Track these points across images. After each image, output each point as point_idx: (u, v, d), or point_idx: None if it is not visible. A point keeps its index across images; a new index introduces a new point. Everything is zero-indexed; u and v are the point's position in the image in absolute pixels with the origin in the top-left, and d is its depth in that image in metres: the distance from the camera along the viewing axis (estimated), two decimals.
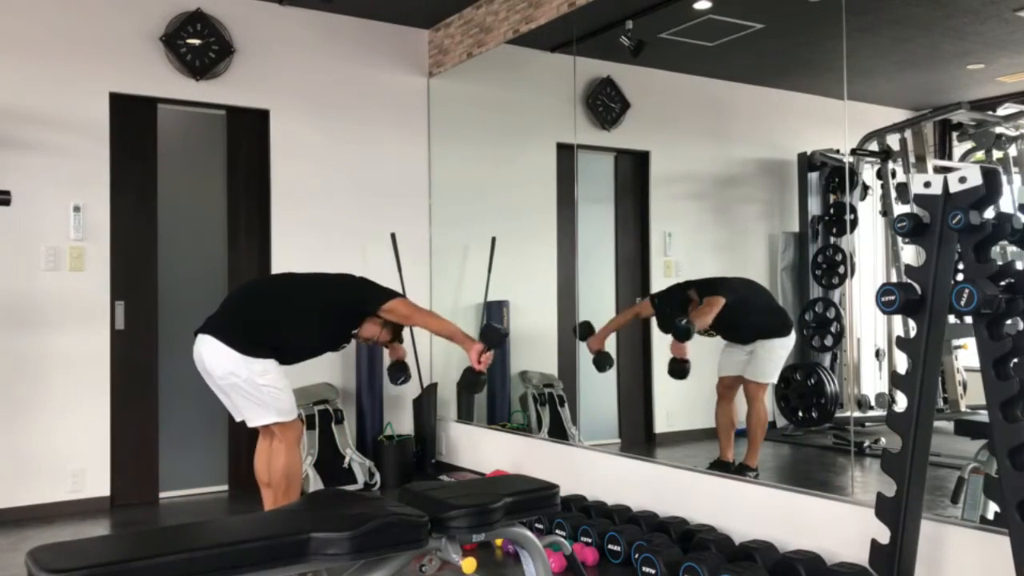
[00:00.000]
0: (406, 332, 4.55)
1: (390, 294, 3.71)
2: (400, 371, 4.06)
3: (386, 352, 4.22)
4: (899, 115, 4.10)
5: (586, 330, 4.73)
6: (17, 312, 4.51)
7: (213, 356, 3.52)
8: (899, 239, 3.97)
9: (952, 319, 2.86)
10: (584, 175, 5.02)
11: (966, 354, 4.04)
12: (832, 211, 4.46)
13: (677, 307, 4.38)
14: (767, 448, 4.33)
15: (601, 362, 4.77)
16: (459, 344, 3.63)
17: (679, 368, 4.26)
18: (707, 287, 4.36)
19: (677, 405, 5.01)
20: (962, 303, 2.43)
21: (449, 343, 3.82)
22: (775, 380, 4.34)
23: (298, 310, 3.66)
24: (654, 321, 4.74)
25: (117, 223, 4.82)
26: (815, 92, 4.30)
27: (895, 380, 2.70)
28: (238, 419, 3.70)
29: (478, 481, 3.04)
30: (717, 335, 4.36)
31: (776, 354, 4.29)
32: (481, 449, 5.26)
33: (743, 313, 4.33)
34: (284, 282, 3.94)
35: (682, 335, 4.17)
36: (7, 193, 3.99)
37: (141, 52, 4.90)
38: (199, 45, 5.01)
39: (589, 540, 3.72)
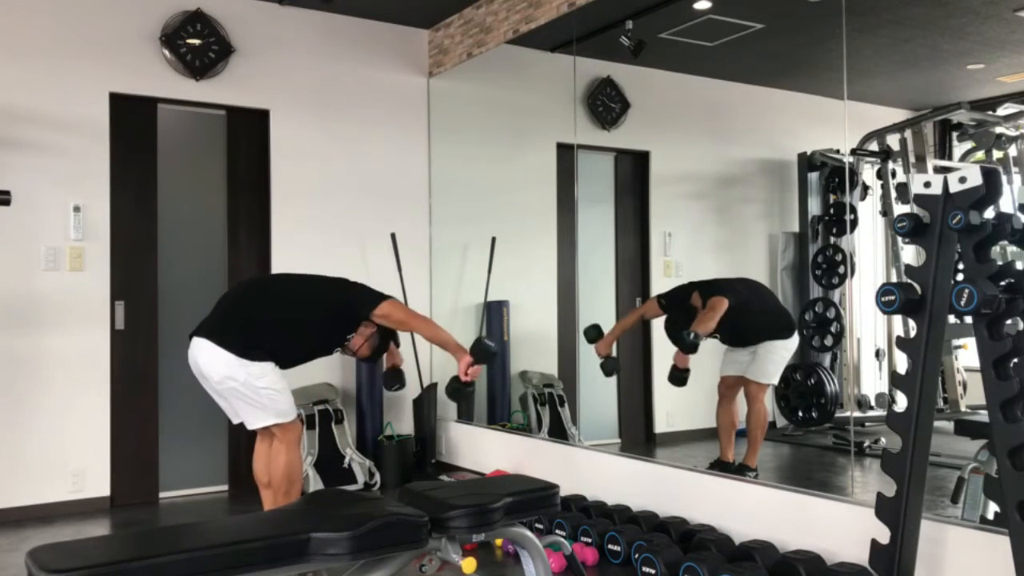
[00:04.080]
0: (406, 333, 4.49)
1: (383, 296, 3.68)
2: (395, 378, 4.04)
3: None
4: (899, 115, 4.09)
5: (595, 334, 4.68)
6: (17, 312, 4.51)
7: (209, 361, 3.48)
8: (899, 239, 3.96)
9: (952, 319, 2.85)
10: (584, 175, 5.01)
11: (966, 354, 4.04)
12: (832, 211, 4.46)
13: (683, 311, 4.34)
14: (767, 448, 4.33)
15: (608, 367, 4.76)
16: (450, 353, 3.63)
17: (680, 376, 4.27)
18: (711, 288, 4.32)
19: (677, 405, 5.01)
20: (962, 303, 2.43)
21: None
22: (776, 381, 4.34)
23: (291, 310, 3.63)
24: (654, 321, 4.74)
25: (117, 223, 4.82)
26: (815, 92, 4.30)
27: (895, 380, 2.70)
28: (236, 422, 3.68)
29: (478, 481, 3.03)
30: (720, 338, 4.33)
31: (779, 355, 4.28)
32: (481, 449, 5.26)
33: (746, 315, 4.29)
34: (277, 282, 3.93)
35: (689, 349, 4.14)
36: (7, 193, 4.00)
37: (141, 52, 4.90)
38: (199, 45, 5.01)
39: (589, 540, 3.71)
